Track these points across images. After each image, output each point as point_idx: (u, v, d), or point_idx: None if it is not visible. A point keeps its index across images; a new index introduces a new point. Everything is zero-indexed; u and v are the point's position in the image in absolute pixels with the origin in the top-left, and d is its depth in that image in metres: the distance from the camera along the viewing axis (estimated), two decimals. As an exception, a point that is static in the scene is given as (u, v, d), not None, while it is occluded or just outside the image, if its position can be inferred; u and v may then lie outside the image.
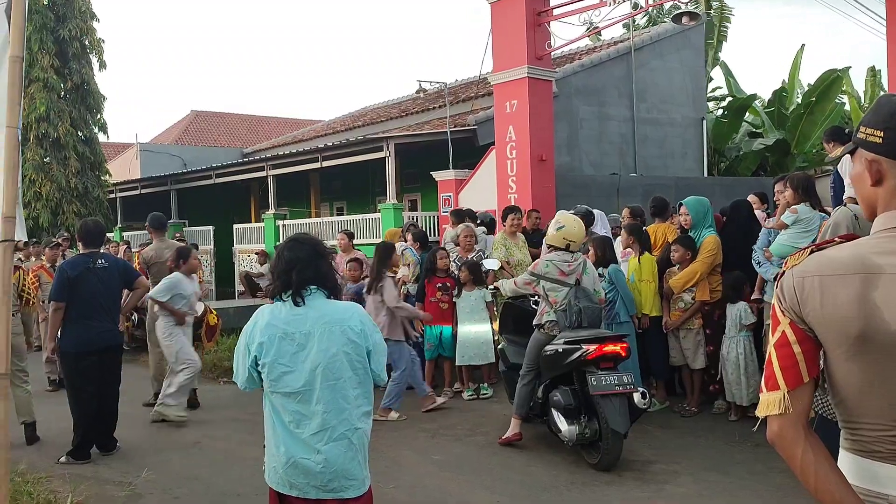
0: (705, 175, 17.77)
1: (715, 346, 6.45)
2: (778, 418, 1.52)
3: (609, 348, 5.37)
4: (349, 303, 3.13)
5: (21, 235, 3.16)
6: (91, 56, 17.83)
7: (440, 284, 7.74)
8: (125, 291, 6.50)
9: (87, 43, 17.53)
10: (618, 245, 7.24)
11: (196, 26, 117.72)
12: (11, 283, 3.28)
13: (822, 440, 1.54)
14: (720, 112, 20.63)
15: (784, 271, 1.59)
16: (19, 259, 8.44)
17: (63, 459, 5.80)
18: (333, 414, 2.88)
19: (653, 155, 16.60)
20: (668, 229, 7.25)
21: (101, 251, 6.20)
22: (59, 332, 5.94)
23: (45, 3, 16.81)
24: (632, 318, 6.53)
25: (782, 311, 1.56)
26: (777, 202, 6.25)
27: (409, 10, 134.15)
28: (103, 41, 18.09)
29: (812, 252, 1.56)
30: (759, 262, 6.08)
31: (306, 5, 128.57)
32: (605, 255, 6.61)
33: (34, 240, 12.75)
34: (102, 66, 18.03)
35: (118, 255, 12.58)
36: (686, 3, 10.22)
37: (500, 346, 6.94)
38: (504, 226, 8.36)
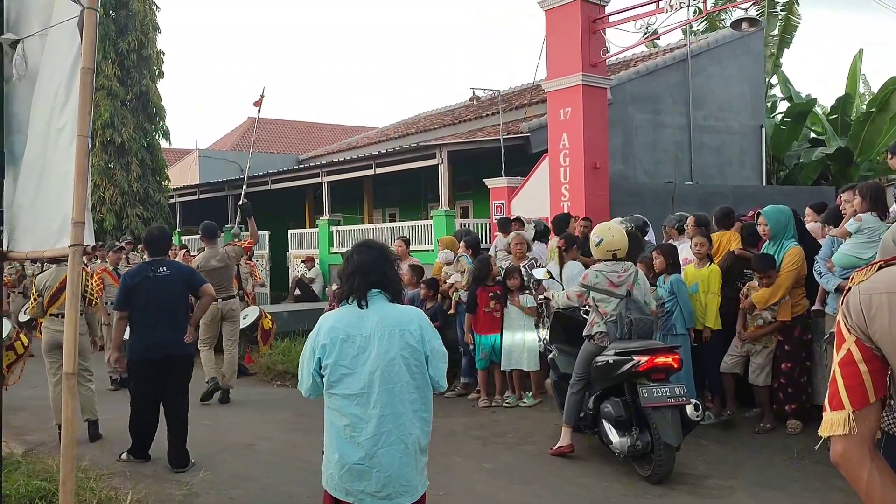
0: (764, 184, 17.39)
1: (794, 363, 6.11)
2: (842, 439, 1.48)
3: (661, 360, 5.28)
4: (410, 307, 3.16)
5: (89, 240, 3.28)
6: (152, 66, 18.38)
7: (493, 294, 7.72)
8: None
9: (147, 54, 18.06)
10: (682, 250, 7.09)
11: (254, 36, 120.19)
12: (80, 282, 3.39)
13: (889, 460, 1.50)
14: (779, 119, 20.14)
15: (850, 287, 1.55)
16: (83, 262, 8.72)
17: (123, 456, 5.91)
18: (390, 418, 2.90)
19: (709, 163, 16.31)
20: (733, 237, 7.03)
21: (167, 258, 6.10)
22: (123, 341, 5.92)
23: (109, 15, 17.38)
24: (689, 331, 6.39)
25: (848, 329, 1.52)
26: (843, 211, 6.05)
27: (464, 17, 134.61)
28: (163, 53, 18.65)
29: (880, 268, 1.52)
30: (820, 273, 5.86)
31: (363, 13, 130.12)
32: (672, 264, 6.50)
33: (99, 242, 13.17)
34: (161, 75, 18.56)
35: (176, 257, 12.93)
36: (746, 10, 10.00)
37: (550, 356, 6.87)
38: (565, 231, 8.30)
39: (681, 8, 10.41)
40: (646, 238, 8.61)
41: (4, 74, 3.73)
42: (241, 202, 9.48)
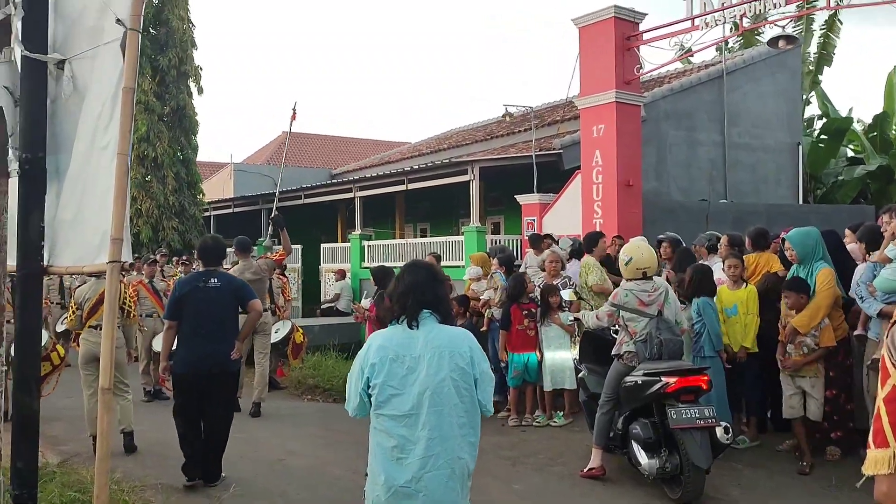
0: (800, 202, 17.12)
1: (839, 389, 5.91)
2: (887, 478, 1.44)
3: (689, 381, 5.22)
4: (461, 329, 3.13)
5: (127, 257, 3.33)
6: (189, 82, 18.70)
7: (527, 311, 7.69)
8: None
9: (185, 70, 18.39)
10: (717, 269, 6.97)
11: (289, 51, 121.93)
12: (117, 298, 3.44)
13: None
14: (816, 136, 19.85)
15: (896, 322, 1.51)
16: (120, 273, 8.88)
17: (186, 483, 5.61)
18: (438, 441, 2.87)
19: (744, 181, 16.11)
20: (771, 259, 6.87)
21: (220, 270, 5.96)
22: (171, 351, 5.82)
23: (148, 32, 17.75)
24: (718, 354, 6.27)
25: (893, 365, 1.48)
26: (884, 232, 5.91)
27: (496, 32, 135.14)
28: (201, 68, 18.96)
29: None
30: (861, 297, 5.71)
31: (396, 29, 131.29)
32: (699, 286, 6.40)
33: (135, 255, 13.39)
34: (200, 91, 18.89)
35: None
36: (784, 28, 9.89)
37: (580, 375, 6.83)
38: (593, 251, 8.24)
39: (716, 25, 10.35)
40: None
41: (51, 93, 3.80)
42: (273, 215, 9.58)
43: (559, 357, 7.51)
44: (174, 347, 5.80)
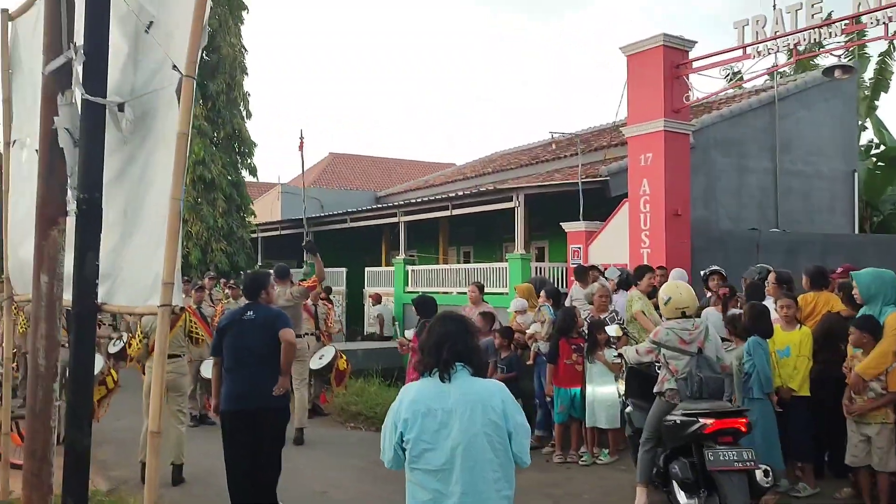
0: (856, 231, 16.65)
1: None
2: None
3: (727, 423, 5.17)
4: (492, 381, 3.09)
5: (177, 300, 3.36)
6: (239, 107, 19.09)
7: (575, 346, 7.59)
8: None
9: (235, 95, 18.79)
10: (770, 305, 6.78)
11: (338, 70, 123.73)
12: (167, 340, 3.49)
13: None
14: (873, 163, 19.33)
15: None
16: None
17: None
18: (471, 496, 2.84)
19: (797, 209, 15.73)
20: (830, 299, 6.62)
21: (259, 302, 5.69)
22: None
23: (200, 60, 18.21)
24: (768, 396, 6.08)
25: None
26: None
27: (543, 55, 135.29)
28: (249, 94, 19.40)
29: None
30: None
31: (444, 52, 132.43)
32: (754, 324, 6.24)
33: (185, 277, 13.62)
34: (248, 115, 19.26)
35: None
36: (840, 57, 9.68)
37: (626, 411, 6.78)
38: (639, 284, 8.12)
39: (769, 54, 10.19)
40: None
41: (109, 135, 3.89)
42: (304, 242, 9.66)
43: (603, 394, 7.38)
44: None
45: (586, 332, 7.68)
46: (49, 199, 4.03)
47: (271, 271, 8.54)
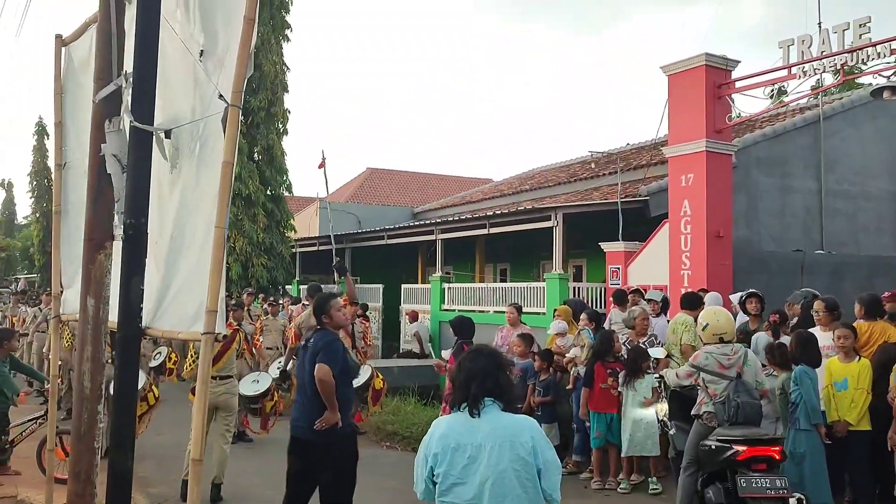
0: (904, 253, 16.21)
1: None
2: None
3: (760, 450, 5.27)
4: (522, 417, 3.08)
5: (221, 328, 3.39)
6: (277, 123, 19.33)
7: (611, 370, 7.50)
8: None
9: (275, 112, 19.04)
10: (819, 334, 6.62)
11: (377, 83, 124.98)
12: (209, 368, 3.50)
13: None
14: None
15: None
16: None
17: None
18: None
19: (842, 230, 15.37)
20: (886, 328, 6.46)
21: (324, 328, 5.44)
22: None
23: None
24: (816, 427, 5.93)
25: None
26: None
27: (582, 71, 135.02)
28: (289, 111, 19.61)
29: None
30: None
31: (484, 68, 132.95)
32: (801, 353, 6.11)
33: (226, 293, 13.76)
34: (285, 132, 19.49)
35: (290, 313, 13.34)
36: (889, 77, 9.47)
37: (670, 433, 6.79)
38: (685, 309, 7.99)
39: (815, 74, 10.01)
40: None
41: (156, 162, 3.95)
42: (334, 263, 9.72)
43: (640, 419, 7.27)
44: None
45: (625, 357, 7.59)
46: (96, 224, 4.12)
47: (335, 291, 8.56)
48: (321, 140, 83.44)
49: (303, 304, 12.86)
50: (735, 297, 8.62)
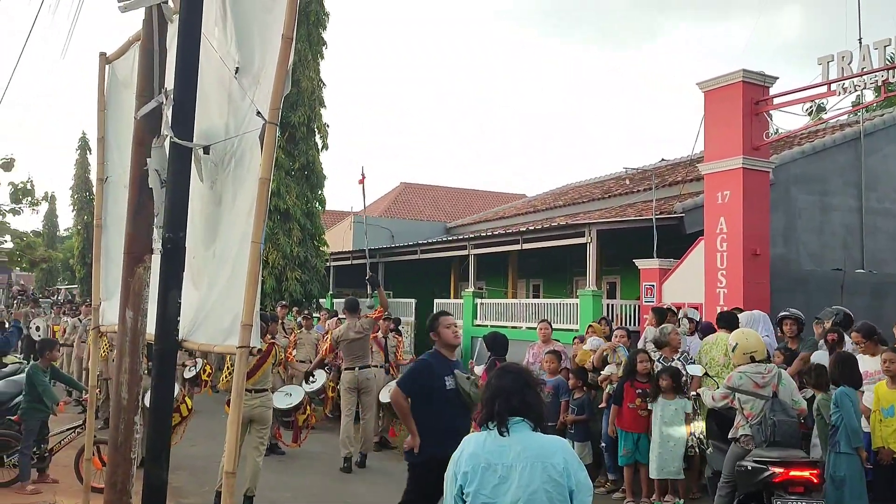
0: (948, 272, 15.80)
1: None
2: None
3: (796, 473, 5.23)
4: (554, 438, 3.04)
5: (256, 342, 3.42)
6: (316, 138, 19.52)
7: (640, 390, 7.42)
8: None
9: (313, 127, 19.24)
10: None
11: (412, 98, 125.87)
12: (244, 381, 3.54)
13: None
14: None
15: None
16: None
17: None
18: None
19: (884, 249, 15.04)
20: None
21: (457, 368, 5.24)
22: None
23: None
24: (856, 451, 5.78)
25: None
26: None
27: (614, 87, 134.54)
28: (328, 126, 19.77)
29: None
30: None
31: (517, 82, 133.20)
32: (841, 374, 5.98)
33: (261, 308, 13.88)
34: (325, 147, 19.66)
35: (326, 327, 13.43)
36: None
37: (707, 451, 6.84)
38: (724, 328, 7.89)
39: (855, 91, 9.86)
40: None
41: (195, 177, 4.02)
42: (367, 276, 9.92)
43: (667, 440, 7.15)
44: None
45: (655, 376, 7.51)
46: (136, 238, 4.19)
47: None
48: (354, 154, 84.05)
49: (338, 319, 13.00)
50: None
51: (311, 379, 10.19)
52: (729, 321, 7.86)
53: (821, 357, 6.97)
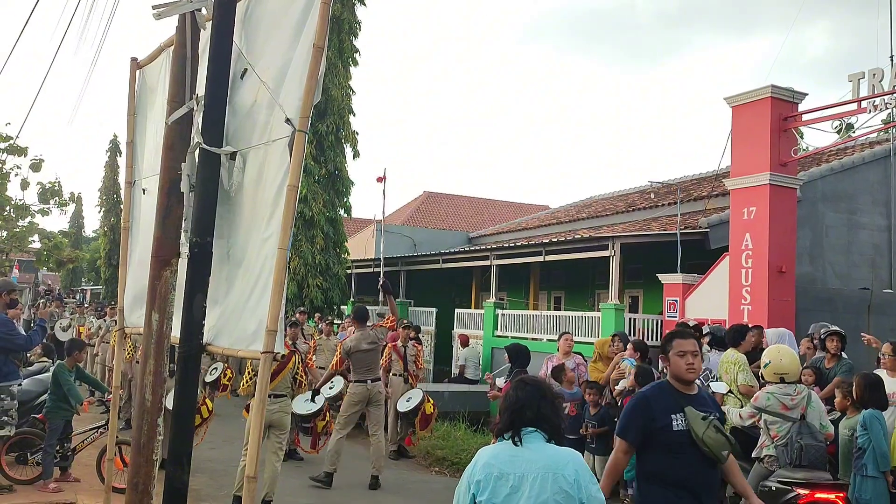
0: (979, 294, 15.51)
1: None
2: None
3: (821, 495, 5.15)
4: (567, 450, 3.02)
5: (279, 348, 3.44)
6: (345, 146, 19.57)
7: None
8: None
9: (342, 135, 19.31)
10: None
11: (436, 110, 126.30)
12: (267, 386, 3.55)
13: None
14: None
15: None
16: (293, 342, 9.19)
17: None
18: None
19: (913, 269, 14.81)
20: None
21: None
22: None
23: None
24: (884, 475, 5.68)
25: None
26: None
27: (639, 100, 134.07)
28: (357, 133, 19.83)
29: None
30: None
31: (542, 94, 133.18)
32: (869, 396, 5.88)
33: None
34: (356, 155, 19.70)
35: (346, 335, 13.47)
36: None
37: None
38: (740, 346, 7.80)
39: (886, 108, 9.75)
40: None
41: (223, 183, 4.06)
42: (380, 283, 9.68)
43: None
44: None
45: None
46: (164, 241, 4.23)
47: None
48: (379, 162, 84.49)
49: (350, 329, 13.12)
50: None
51: (329, 386, 10.10)
52: (734, 337, 7.83)
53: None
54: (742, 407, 6.54)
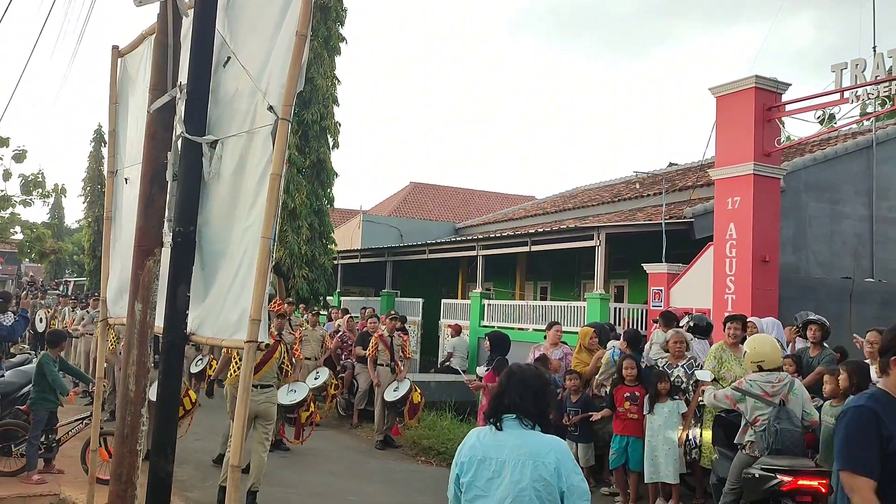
0: (959, 283, 15.70)
1: None
2: None
3: (805, 482, 5.19)
4: (550, 437, 3.02)
5: (263, 337, 3.43)
6: (328, 137, 19.45)
7: (628, 394, 7.45)
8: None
9: (325, 125, 19.18)
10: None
11: (419, 100, 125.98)
12: (251, 375, 3.54)
13: None
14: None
15: None
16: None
17: None
18: None
19: (894, 258, 14.96)
20: None
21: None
22: None
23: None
24: None
25: None
26: None
27: (625, 91, 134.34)
28: (340, 124, 19.71)
29: None
30: None
31: (527, 84, 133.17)
32: (859, 386, 5.94)
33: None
34: (336, 145, 19.59)
35: (340, 325, 13.48)
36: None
37: (713, 458, 6.82)
38: (724, 335, 7.84)
39: (868, 99, 9.81)
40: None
41: (204, 171, 4.03)
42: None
43: (662, 444, 7.13)
44: None
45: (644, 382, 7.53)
46: (147, 231, 4.20)
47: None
48: (364, 152, 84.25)
49: (350, 317, 13.29)
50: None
51: (314, 377, 10.10)
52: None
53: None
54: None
